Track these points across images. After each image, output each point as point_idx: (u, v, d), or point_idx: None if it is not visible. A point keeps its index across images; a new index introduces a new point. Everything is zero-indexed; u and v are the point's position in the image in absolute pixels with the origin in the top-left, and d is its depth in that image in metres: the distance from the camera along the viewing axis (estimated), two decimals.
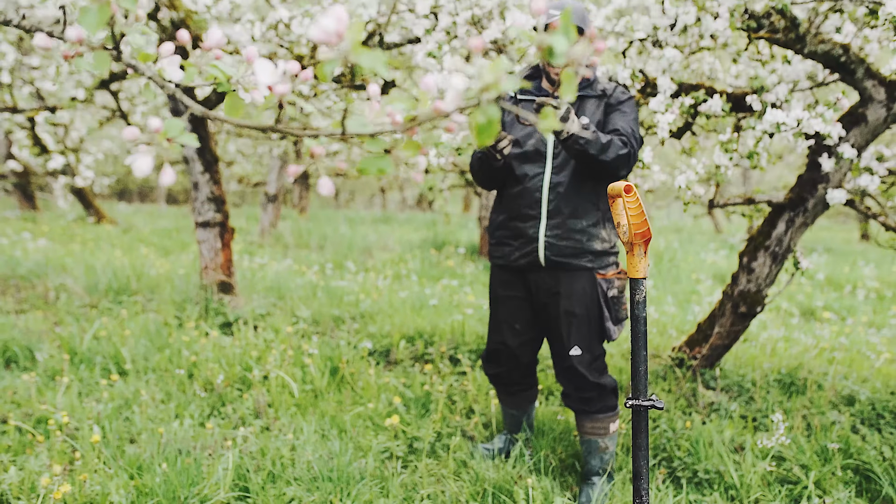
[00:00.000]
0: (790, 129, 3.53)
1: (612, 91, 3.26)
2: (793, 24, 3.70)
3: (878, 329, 6.77)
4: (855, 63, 3.90)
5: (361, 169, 0.96)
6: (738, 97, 4.24)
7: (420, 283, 7.75)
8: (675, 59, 4.11)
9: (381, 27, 4.73)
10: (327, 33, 0.80)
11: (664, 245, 11.89)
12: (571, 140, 2.93)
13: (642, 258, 1.86)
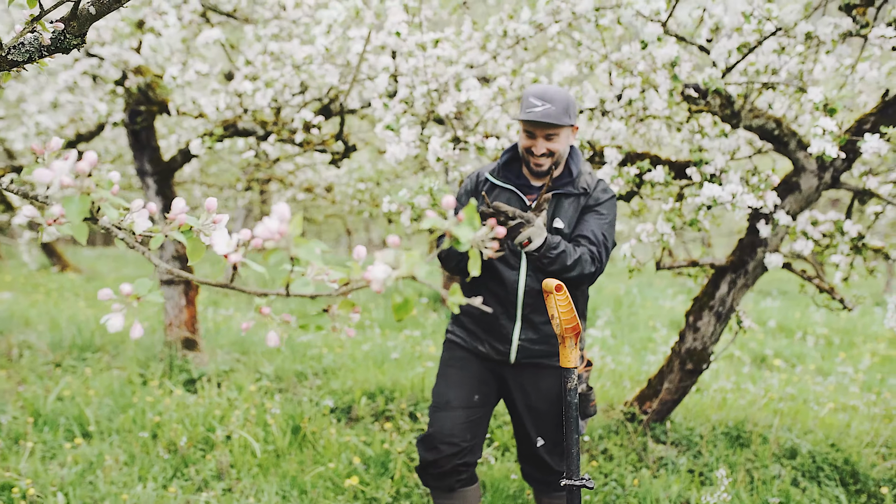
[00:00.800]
0: (726, 202, 3.75)
1: (592, 189, 3.06)
2: (728, 102, 3.95)
3: (824, 377, 7.01)
4: (788, 136, 4.16)
5: (303, 326, 1.12)
6: (681, 166, 4.47)
7: (383, 334, 7.88)
8: (621, 131, 4.34)
9: (340, 94, 4.92)
10: (270, 231, 0.97)
11: (624, 291, 12.15)
12: (537, 256, 2.77)
13: (573, 349, 2.03)
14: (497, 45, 4.43)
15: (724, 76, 3.89)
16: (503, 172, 3.10)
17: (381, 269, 0.96)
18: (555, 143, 2.95)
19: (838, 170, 4.21)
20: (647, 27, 3.82)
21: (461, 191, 3.23)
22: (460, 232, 0.96)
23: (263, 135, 5.25)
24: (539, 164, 2.97)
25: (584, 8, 3.97)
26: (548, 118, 2.85)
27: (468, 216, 0.99)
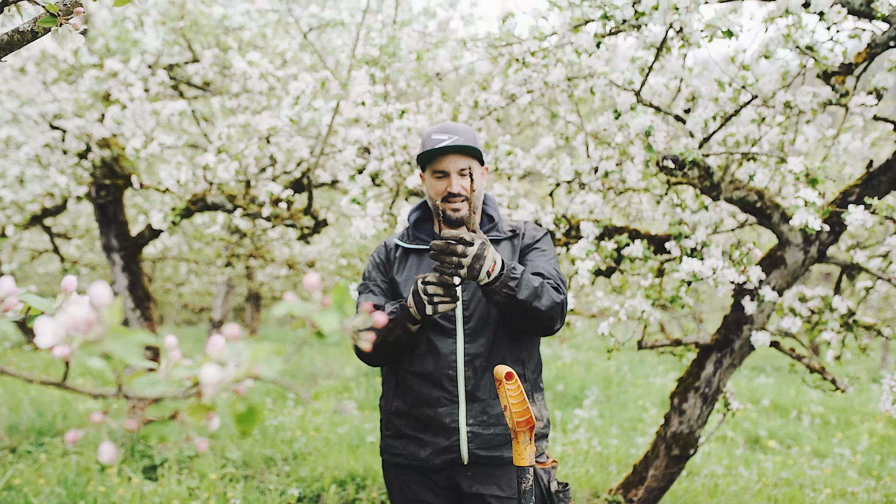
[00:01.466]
0: (708, 278, 3.55)
1: (522, 229, 2.73)
2: (707, 173, 3.79)
3: (821, 459, 6.71)
4: (770, 208, 3.99)
5: (145, 436, 0.89)
6: (661, 240, 4.29)
7: (362, 415, 7.58)
8: (597, 203, 4.17)
9: (310, 168, 4.76)
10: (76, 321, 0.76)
11: (614, 368, 11.85)
12: (498, 284, 2.29)
13: (528, 445, 1.80)
14: (469, 115, 4.29)
15: (702, 146, 3.74)
16: (414, 234, 2.71)
17: (212, 371, 0.74)
18: (469, 180, 2.56)
19: (825, 243, 4.03)
20: (620, 96, 3.68)
21: (369, 266, 2.74)
22: (324, 321, 0.76)
23: (232, 209, 5.07)
24: (456, 210, 2.56)
25: (556, 78, 3.84)
26: (458, 143, 2.51)
27: (337, 299, 0.78)
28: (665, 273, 4.20)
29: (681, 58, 4.02)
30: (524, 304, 2.33)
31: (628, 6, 3.18)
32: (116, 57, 5.11)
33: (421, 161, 2.62)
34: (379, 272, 2.69)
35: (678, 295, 3.92)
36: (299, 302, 0.78)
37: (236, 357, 0.75)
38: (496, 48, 3.87)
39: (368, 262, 2.76)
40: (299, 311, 0.77)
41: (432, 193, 2.61)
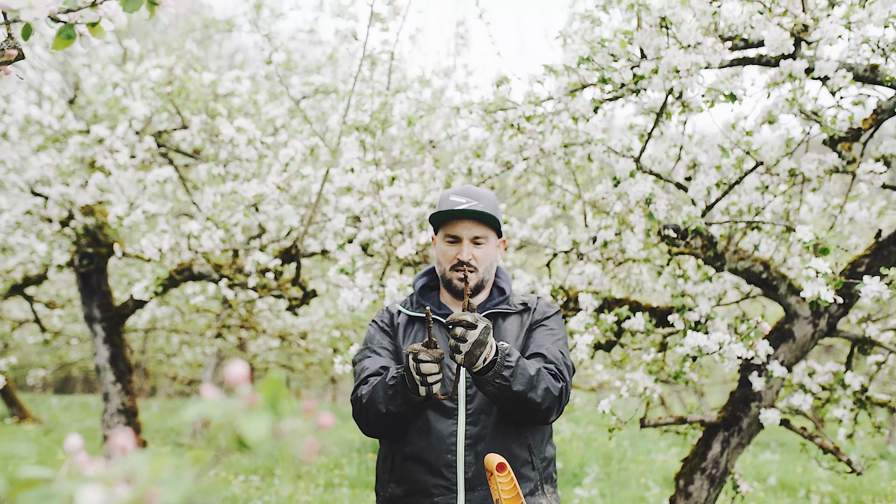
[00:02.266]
0: (713, 353, 3.36)
1: (534, 304, 2.54)
2: (710, 243, 3.63)
3: None
4: (777, 279, 3.83)
5: None
6: (663, 312, 4.12)
7: (352, 494, 7.28)
8: (596, 274, 4.01)
9: (299, 237, 4.61)
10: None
11: (615, 444, 11.53)
12: (491, 373, 2.11)
13: None
14: (462, 183, 4.16)
15: (705, 215, 3.59)
16: (419, 301, 2.50)
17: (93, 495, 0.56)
18: (482, 250, 2.38)
19: (834, 316, 3.85)
20: (619, 163, 3.54)
21: (372, 330, 2.52)
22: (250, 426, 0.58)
23: (218, 279, 4.90)
24: (463, 280, 2.38)
25: (553, 144, 3.71)
26: (477, 209, 2.34)
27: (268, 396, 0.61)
28: (668, 347, 4.01)
29: (681, 124, 3.91)
30: (518, 396, 2.14)
31: (627, 69, 3.07)
32: (104, 123, 5.01)
33: (434, 222, 2.42)
34: (385, 335, 2.48)
35: (682, 370, 3.73)
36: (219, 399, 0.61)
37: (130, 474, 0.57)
38: (490, 114, 3.75)
39: (370, 326, 2.54)
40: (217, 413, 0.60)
41: (441, 258, 2.43)
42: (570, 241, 4.19)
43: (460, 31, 5.28)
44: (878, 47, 2.99)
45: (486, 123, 3.88)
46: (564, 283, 4.22)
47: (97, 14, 1.14)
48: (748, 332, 3.26)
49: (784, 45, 2.93)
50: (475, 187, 2.47)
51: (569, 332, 3.90)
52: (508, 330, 2.44)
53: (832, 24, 2.87)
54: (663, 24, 2.96)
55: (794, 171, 3.59)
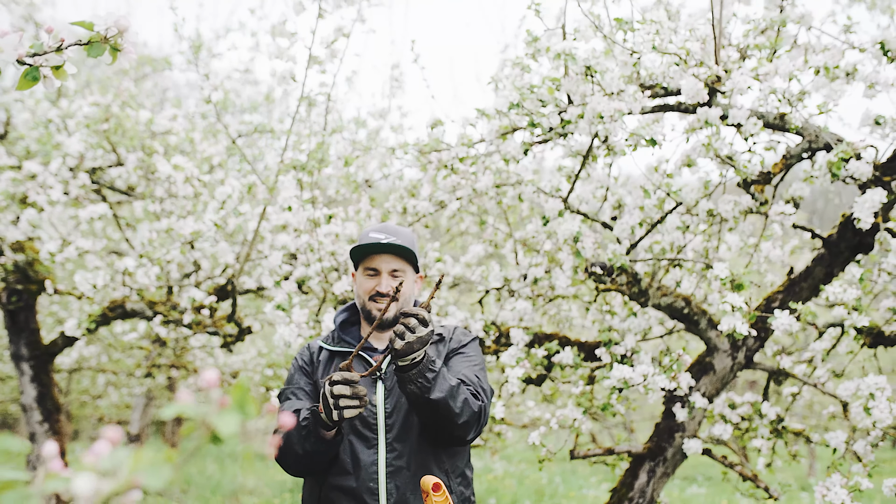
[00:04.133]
0: (638, 384, 3.52)
1: (450, 334, 2.62)
2: (635, 280, 3.80)
3: None
4: (698, 314, 4.01)
5: None
6: (591, 347, 4.26)
7: None
8: (527, 310, 4.14)
9: (235, 274, 4.64)
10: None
11: (546, 480, 11.64)
12: (415, 371, 2.18)
13: None
14: (397, 222, 4.27)
15: (629, 253, 3.77)
16: (340, 336, 2.57)
17: (87, 481, 0.64)
18: (400, 280, 2.36)
19: (751, 349, 4.05)
20: (548, 203, 3.71)
21: (291, 370, 2.59)
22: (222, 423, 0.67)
23: (152, 315, 4.89)
24: (381, 310, 2.41)
25: (485, 185, 3.86)
26: (395, 243, 2.43)
27: (237, 398, 0.70)
28: (596, 381, 4.15)
29: (607, 167, 4.10)
30: (437, 402, 2.21)
31: (554, 115, 3.24)
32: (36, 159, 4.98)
33: (354, 257, 2.52)
34: (302, 375, 2.55)
35: (609, 403, 3.87)
36: (193, 402, 0.70)
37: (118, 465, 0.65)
38: (425, 154, 3.88)
39: (291, 366, 2.61)
40: (192, 412, 0.68)
41: (361, 291, 2.51)
42: (501, 279, 4.32)
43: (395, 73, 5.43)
44: (784, 98, 3.22)
45: (421, 164, 4.01)
46: (496, 319, 4.35)
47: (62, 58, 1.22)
48: (671, 365, 3.43)
49: (699, 94, 3.13)
50: (395, 226, 2.58)
51: (500, 366, 4.01)
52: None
53: (742, 76, 3.08)
54: (588, 73, 3.14)
55: (711, 212, 3.79)
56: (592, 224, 4.01)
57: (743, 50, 3.62)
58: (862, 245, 3.73)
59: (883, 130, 3.44)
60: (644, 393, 3.60)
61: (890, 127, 3.42)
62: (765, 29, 3.59)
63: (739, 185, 3.65)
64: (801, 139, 3.63)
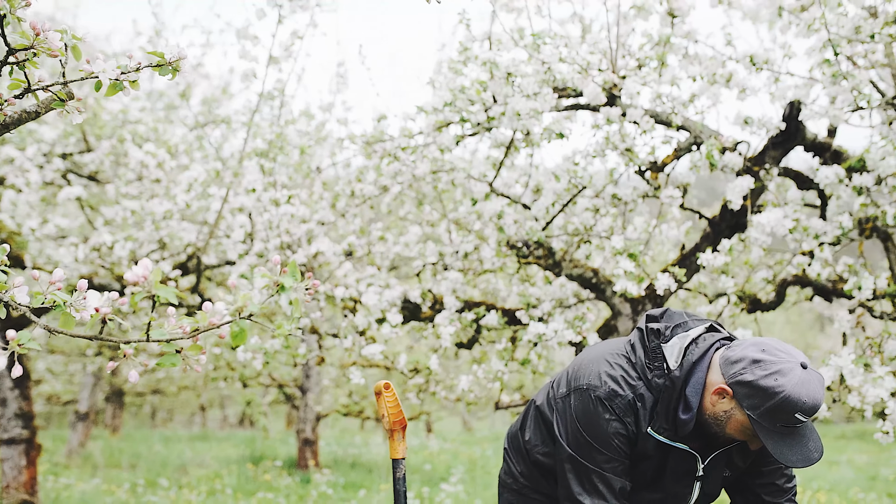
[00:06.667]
0: (551, 339, 4.19)
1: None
2: (550, 253, 4.47)
3: None
4: (604, 284, 4.70)
5: (160, 363, 1.37)
6: (514, 312, 4.93)
7: (235, 497, 7.75)
8: (458, 280, 4.78)
9: (199, 250, 5.18)
10: (137, 275, 1.25)
11: (479, 453, 12.39)
12: None
13: (401, 442, 2.30)
14: (346, 203, 4.86)
15: (545, 230, 4.43)
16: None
17: (220, 305, 1.25)
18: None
19: None
20: (476, 187, 4.35)
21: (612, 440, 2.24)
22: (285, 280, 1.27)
23: (121, 289, 5.39)
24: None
25: (422, 172, 4.48)
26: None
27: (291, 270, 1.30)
28: (517, 340, 4.82)
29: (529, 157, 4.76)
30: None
31: (481, 112, 3.88)
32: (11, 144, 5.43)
33: (763, 406, 2.05)
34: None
35: (528, 358, 4.55)
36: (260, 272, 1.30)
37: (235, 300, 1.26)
38: (371, 145, 4.49)
39: (607, 426, 2.22)
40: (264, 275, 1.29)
41: (736, 431, 2.15)
42: (437, 254, 4.95)
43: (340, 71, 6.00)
44: (668, 100, 3.92)
45: (367, 153, 4.62)
46: (432, 289, 4.98)
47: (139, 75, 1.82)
48: (576, 321, 4.11)
49: (598, 97, 3.81)
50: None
51: (435, 328, 4.63)
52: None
53: (634, 82, 3.77)
54: (509, 78, 3.79)
55: (616, 196, 4.48)
56: (514, 205, 4.66)
57: (640, 60, 4.31)
58: (738, 225, 4.45)
59: (751, 128, 4.17)
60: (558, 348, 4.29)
61: (757, 125, 4.15)
62: (659, 42, 4.29)
63: (637, 172, 4.34)
64: (689, 134, 4.34)
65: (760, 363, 2.03)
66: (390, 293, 4.78)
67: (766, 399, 2.01)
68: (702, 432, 2.19)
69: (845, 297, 4.32)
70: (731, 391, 2.08)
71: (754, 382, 2.02)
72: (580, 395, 2.23)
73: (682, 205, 4.44)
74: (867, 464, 12.30)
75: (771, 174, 4.25)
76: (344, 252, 5.00)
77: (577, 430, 2.22)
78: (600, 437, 2.19)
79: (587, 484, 2.21)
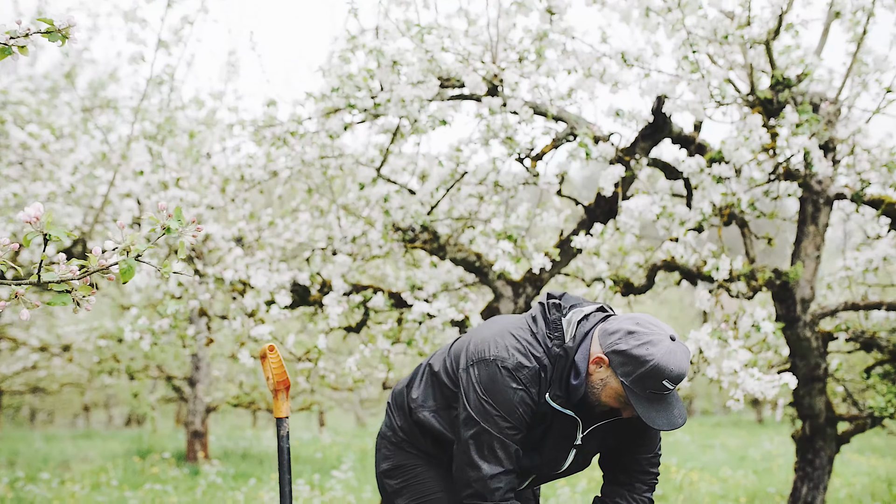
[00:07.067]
0: (436, 316, 4.38)
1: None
2: (435, 237, 4.66)
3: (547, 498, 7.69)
4: (486, 267, 4.92)
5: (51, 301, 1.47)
6: (400, 295, 5.09)
7: (121, 488, 7.65)
8: (347, 264, 4.91)
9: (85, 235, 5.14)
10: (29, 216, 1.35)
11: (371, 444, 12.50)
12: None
13: (284, 401, 2.43)
14: (236, 188, 4.92)
15: (430, 213, 4.61)
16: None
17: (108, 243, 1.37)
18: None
19: (530, 297, 5.00)
20: (363, 171, 4.50)
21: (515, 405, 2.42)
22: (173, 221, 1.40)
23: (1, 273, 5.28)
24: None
25: (311, 157, 4.59)
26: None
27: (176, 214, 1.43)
28: (403, 321, 4.99)
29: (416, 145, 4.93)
30: None
31: (367, 98, 4.03)
32: None
33: (635, 373, 2.28)
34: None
35: (413, 338, 4.73)
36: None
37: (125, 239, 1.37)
38: (261, 129, 4.57)
39: (510, 392, 2.40)
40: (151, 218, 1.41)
41: (609, 397, 2.37)
42: (326, 239, 5.07)
43: (231, 59, 6.04)
44: (545, 91, 4.17)
45: (257, 139, 4.70)
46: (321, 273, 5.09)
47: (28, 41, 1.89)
48: (458, 301, 4.31)
49: (478, 87, 4.01)
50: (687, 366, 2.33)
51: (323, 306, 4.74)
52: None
53: (512, 74, 3.99)
54: (395, 66, 3.95)
55: (497, 183, 4.70)
56: (401, 190, 4.82)
57: (521, 53, 4.54)
58: (611, 211, 4.74)
59: (623, 120, 4.46)
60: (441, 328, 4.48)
61: (627, 118, 4.44)
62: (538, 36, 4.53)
63: (518, 160, 4.57)
64: (566, 125, 4.60)
65: (634, 334, 2.26)
66: (279, 276, 4.86)
67: (637, 367, 2.23)
68: (587, 401, 2.41)
69: (707, 280, 4.66)
70: (608, 359, 2.30)
71: (628, 351, 2.25)
72: (487, 367, 2.39)
73: (559, 192, 4.70)
74: (738, 446, 13.04)
75: (640, 164, 4.56)
76: (234, 238, 5.06)
77: (482, 400, 2.39)
78: (506, 406, 2.37)
79: (486, 450, 2.40)
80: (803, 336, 4.69)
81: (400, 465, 2.69)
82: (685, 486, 8.30)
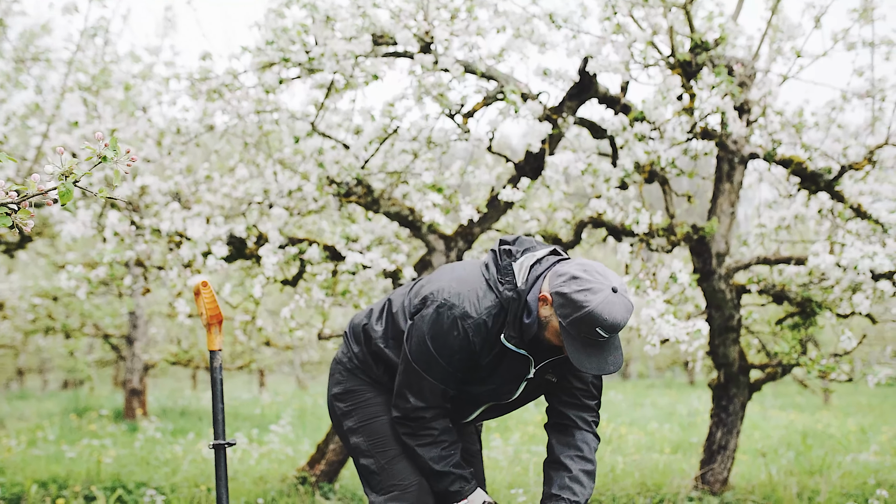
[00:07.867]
0: (369, 269, 4.53)
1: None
2: (369, 191, 4.79)
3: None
4: (419, 222, 5.07)
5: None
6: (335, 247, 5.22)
7: (58, 443, 7.69)
8: (283, 217, 5.01)
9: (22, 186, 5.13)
10: None
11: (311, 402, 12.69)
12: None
13: (217, 335, 2.56)
14: (172, 140, 4.96)
15: (364, 167, 4.73)
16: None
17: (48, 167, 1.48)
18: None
19: (461, 250, 5.17)
20: (298, 125, 4.60)
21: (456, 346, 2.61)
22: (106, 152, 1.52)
23: None
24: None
25: (247, 110, 4.66)
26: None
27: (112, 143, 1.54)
28: (337, 273, 5.12)
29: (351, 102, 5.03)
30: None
31: (302, 52, 4.12)
32: None
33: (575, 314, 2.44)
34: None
35: (348, 289, 4.87)
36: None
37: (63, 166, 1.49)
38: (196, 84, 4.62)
39: (455, 331, 2.58)
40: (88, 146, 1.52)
41: (551, 334, 2.54)
42: (262, 193, 5.16)
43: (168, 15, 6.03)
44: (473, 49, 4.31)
45: (193, 93, 4.75)
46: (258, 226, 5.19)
47: None
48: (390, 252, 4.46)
49: (410, 43, 4.13)
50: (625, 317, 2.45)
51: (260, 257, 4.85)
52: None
53: (442, 31, 4.12)
54: (328, 21, 4.05)
55: (430, 139, 4.84)
56: (336, 146, 4.93)
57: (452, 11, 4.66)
58: (538, 167, 4.92)
59: (550, 80, 4.63)
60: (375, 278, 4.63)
61: (555, 77, 4.61)
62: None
63: (448, 116, 4.71)
64: (497, 84, 4.75)
65: (577, 279, 2.40)
66: (216, 229, 4.95)
67: (573, 310, 2.38)
68: (538, 338, 2.58)
69: (631, 235, 4.88)
70: (551, 299, 2.47)
71: (568, 294, 2.39)
72: (436, 311, 2.54)
73: (489, 148, 4.86)
74: (667, 404, 13.53)
75: (567, 122, 4.74)
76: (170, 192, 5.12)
77: (424, 341, 2.57)
78: (444, 351, 2.56)
79: (415, 386, 2.61)
80: (718, 288, 4.96)
81: (351, 390, 2.85)
82: (614, 439, 8.66)
